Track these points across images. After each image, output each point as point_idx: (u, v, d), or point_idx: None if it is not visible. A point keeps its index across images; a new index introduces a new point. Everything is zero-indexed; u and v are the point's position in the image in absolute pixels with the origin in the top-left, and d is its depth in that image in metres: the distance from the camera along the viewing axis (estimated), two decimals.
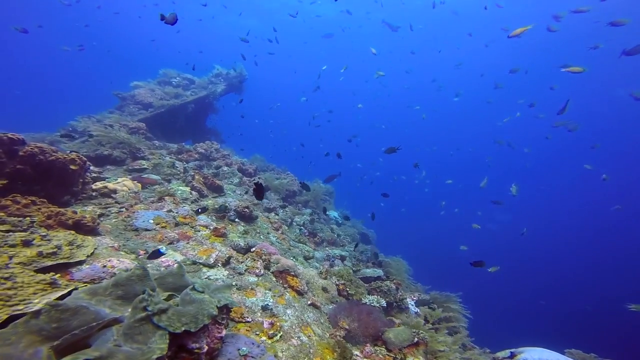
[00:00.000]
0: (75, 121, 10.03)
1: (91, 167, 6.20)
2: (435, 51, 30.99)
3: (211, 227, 5.46)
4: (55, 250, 3.00)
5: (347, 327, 4.28)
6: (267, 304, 4.04)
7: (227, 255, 4.68)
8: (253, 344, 3.11)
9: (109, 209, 5.00)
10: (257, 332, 3.53)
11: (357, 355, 3.91)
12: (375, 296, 5.56)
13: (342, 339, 4.13)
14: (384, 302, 5.51)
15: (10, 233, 3.00)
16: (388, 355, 4.02)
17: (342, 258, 7.63)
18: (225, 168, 9.16)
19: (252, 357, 2.98)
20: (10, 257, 2.62)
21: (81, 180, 5.24)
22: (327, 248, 8.32)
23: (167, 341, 2.12)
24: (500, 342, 5.60)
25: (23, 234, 3.05)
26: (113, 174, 6.85)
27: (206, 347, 2.46)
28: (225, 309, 2.89)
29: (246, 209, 6.37)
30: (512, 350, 5.79)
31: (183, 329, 2.24)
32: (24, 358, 1.76)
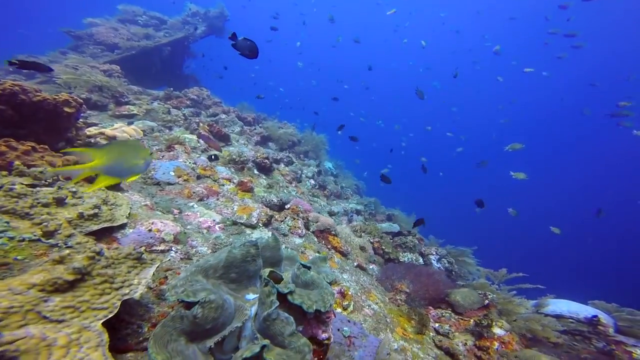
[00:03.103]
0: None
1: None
2: None
3: (235, 181, 4.80)
4: (96, 210, 2.31)
5: (407, 290, 3.97)
6: None
7: (268, 214, 4.11)
8: (349, 321, 2.71)
9: None
10: None
11: None
12: (414, 254, 5.30)
13: (403, 303, 3.84)
14: (421, 260, 5.28)
15: (37, 189, 2.24)
16: (462, 319, 3.76)
17: (358, 212, 7.28)
18: (223, 116, 8.24)
19: (355, 337, 2.58)
20: (70, 222, 1.93)
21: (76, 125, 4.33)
22: (334, 201, 7.91)
23: (303, 337, 1.67)
24: (520, 293, 5.64)
25: (50, 190, 2.30)
26: (98, 120, 5.85)
27: (332, 337, 2.01)
28: None
29: (266, 160, 5.71)
30: (536, 301, 5.89)
31: (314, 307, 1.77)
32: (191, 357, 1.49)
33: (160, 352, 1.52)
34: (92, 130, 4.75)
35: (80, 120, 5.08)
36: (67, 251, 1.61)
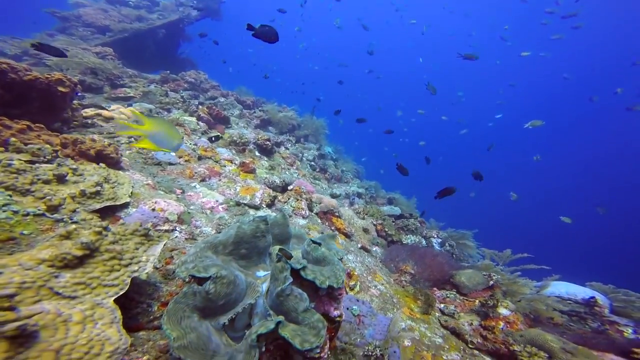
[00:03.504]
0: None
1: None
2: None
3: (236, 162, 4.72)
4: (98, 188, 2.23)
5: (411, 271, 3.94)
6: None
7: (272, 195, 4.04)
8: (357, 300, 2.68)
9: (116, 139, 4.07)
10: None
11: None
12: (417, 237, 5.28)
13: (408, 284, 3.82)
14: (424, 242, 5.26)
15: (37, 165, 2.16)
16: (467, 300, 3.75)
17: (359, 195, 7.22)
18: (222, 99, 8.09)
19: (364, 316, 2.56)
20: (73, 197, 1.85)
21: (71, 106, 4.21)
22: (335, 185, 7.85)
23: (316, 313, 1.63)
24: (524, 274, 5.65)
25: (50, 166, 2.22)
26: (94, 102, 5.71)
27: (343, 314, 1.98)
28: None
29: (267, 142, 5.62)
30: (536, 284, 5.91)
31: (327, 283, 1.72)
32: (207, 336, 1.48)
33: (175, 329, 1.47)
34: (88, 112, 4.63)
35: (76, 101, 4.97)
36: (74, 226, 1.54)
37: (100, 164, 2.71)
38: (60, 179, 2.11)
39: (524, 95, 47.37)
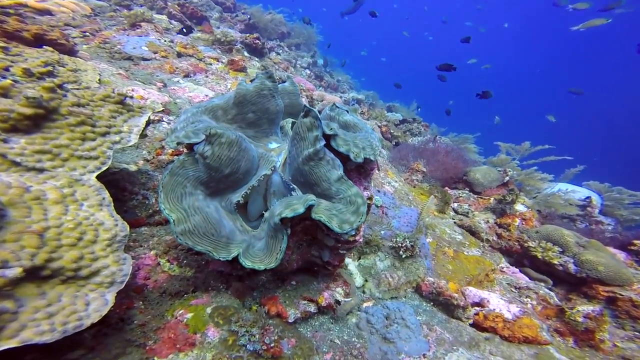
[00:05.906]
0: None
1: None
2: None
3: (223, 60, 4.12)
4: (49, 68, 1.72)
5: (423, 169, 3.66)
6: None
7: None
8: (379, 191, 2.40)
9: (66, 31, 3.35)
10: None
11: None
12: (423, 138, 4.97)
13: (420, 183, 3.57)
14: (431, 145, 4.96)
15: None
16: (481, 198, 3.54)
17: (359, 102, 6.72)
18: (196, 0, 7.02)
19: (387, 207, 2.31)
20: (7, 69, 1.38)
21: None
22: (332, 93, 7.29)
23: (353, 185, 1.26)
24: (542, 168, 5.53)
25: None
26: None
27: (374, 196, 1.65)
28: None
29: (257, 40, 4.93)
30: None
31: (362, 155, 1.32)
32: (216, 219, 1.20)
33: (175, 209, 1.12)
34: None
35: None
36: (9, 81, 1.11)
37: (46, 47, 2.14)
38: None
39: None
